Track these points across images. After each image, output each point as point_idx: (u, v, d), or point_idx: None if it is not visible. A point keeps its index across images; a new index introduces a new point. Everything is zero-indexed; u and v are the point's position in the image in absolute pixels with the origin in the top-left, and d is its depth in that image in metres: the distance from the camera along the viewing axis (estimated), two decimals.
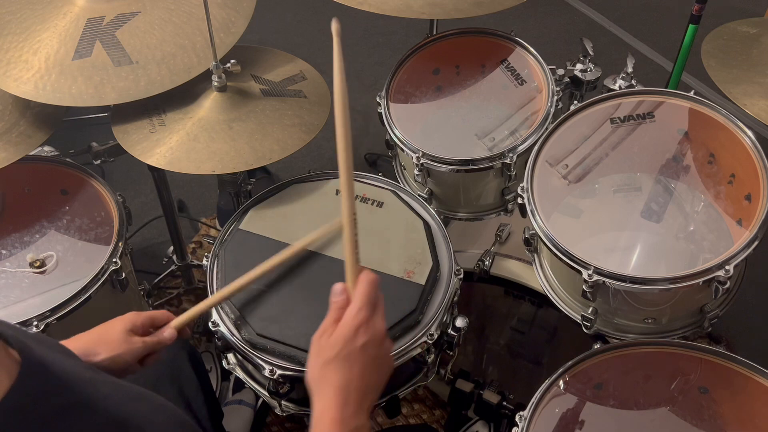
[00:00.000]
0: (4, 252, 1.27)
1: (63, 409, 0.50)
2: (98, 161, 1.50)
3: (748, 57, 1.32)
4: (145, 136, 1.30)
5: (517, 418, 1.00)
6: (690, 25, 1.51)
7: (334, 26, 0.86)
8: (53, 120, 1.34)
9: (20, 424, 0.46)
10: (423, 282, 1.13)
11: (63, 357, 0.57)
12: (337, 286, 0.84)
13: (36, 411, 0.47)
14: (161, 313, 1.01)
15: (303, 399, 1.13)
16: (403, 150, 1.33)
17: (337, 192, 1.29)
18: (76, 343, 0.90)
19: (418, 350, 1.08)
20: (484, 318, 1.53)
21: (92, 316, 1.27)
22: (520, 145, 1.28)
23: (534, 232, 1.15)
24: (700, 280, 1.01)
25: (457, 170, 1.29)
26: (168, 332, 0.99)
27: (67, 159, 1.39)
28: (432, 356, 1.12)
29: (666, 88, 1.39)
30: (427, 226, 1.22)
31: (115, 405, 0.55)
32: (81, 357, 0.87)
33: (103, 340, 0.92)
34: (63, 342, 0.91)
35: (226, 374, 1.66)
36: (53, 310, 1.15)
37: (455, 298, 1.15)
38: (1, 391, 0.45)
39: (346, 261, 0.87)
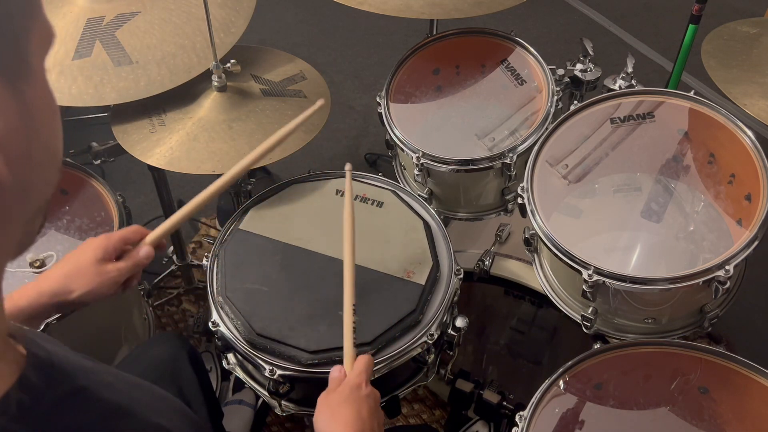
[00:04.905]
0: None
1: (68, 397, 0.51)
2: (98, 161, 1.50)
3: (748, 57, 1.32)
4: (145, 136, 1.30)
5: (517, 418, 1.00)
6: (690, 25, 1.51)
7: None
8: None
9: (29, 413, 0.46)
10: (423, 282, 1.13)
11: (62, 349, 0.58)
12: (336, 367, 0.90)
13: (43, 400, 0.48)
14: (133, 231, 0.94)
15: (303, 399, 1.13)
16: (403, 150, 1.33)
17: (337, 192, 1.29)
18: (46, 283, 0.87)
19: (418, 350, 1.08)
20: (484, 318, 1.53)
21: (92, 316, 1.28)
22: (520, 145, 1.28)
23: (534, 232, 1.15)
24: (700, 280, 1.01)
25: (457, 170, 1.29)
26: (144, 250, 0.92)
27: (67, 159, 1.39)
28: (432, 356, 1.12)
29: (666, 88, 1.38)
30: (427, 226, 1.22)
31: (117, 392, 0.56)
32: (54, 296, 0.85)
33: (75, 275, 0.87)
34: (31, 283, 0.88)
35: (226, 374, 1.66)
36: None
37: (455, 298, 1.15)
38: (10, 381, 0.46)
39: (345, 345, 0.93)
